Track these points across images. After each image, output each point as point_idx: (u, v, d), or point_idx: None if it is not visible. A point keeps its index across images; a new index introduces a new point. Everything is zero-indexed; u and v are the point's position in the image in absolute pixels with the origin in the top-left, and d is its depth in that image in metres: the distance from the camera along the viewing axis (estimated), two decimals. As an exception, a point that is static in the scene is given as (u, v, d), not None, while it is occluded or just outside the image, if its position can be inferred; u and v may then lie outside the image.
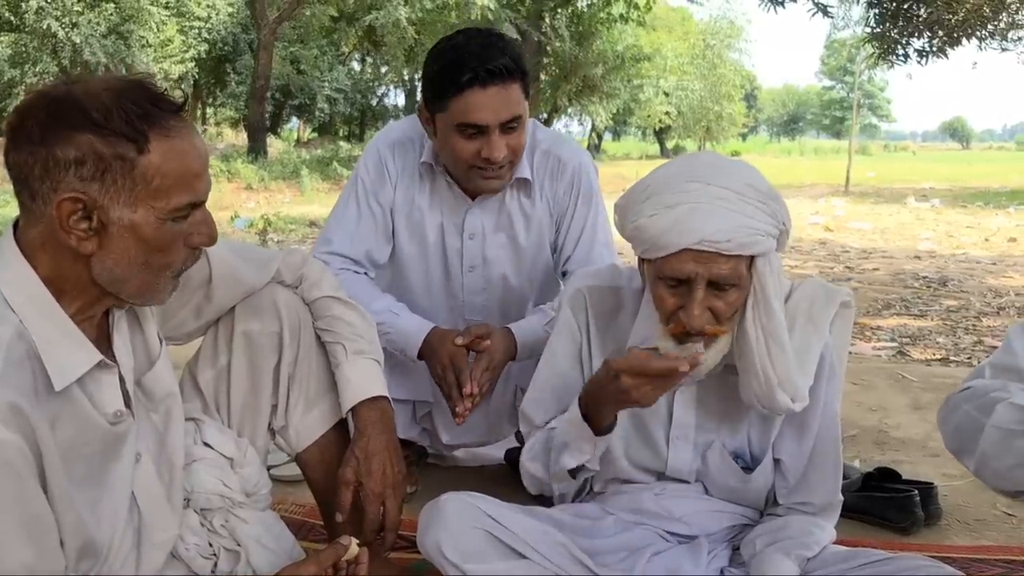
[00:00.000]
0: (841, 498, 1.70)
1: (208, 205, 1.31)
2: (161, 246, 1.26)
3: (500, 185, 2.12)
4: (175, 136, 1.22)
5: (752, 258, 1.49)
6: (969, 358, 4.90)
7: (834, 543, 1.65)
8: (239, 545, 1.50)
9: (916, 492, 2.22)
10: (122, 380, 1.34)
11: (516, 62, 1.98)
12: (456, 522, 1.55)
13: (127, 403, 1.34)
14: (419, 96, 2.14)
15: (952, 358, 4.92)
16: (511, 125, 2.00)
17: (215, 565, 1.50)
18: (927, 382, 3.86)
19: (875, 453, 2.89)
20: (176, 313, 1.56)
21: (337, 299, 1.69)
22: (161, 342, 1.46)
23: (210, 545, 1.50)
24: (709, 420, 1.69)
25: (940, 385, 3.79)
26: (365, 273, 2.25)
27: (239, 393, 1.63)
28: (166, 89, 1.26)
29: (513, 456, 2.52)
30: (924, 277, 7.83)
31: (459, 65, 1.94)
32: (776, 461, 1.69)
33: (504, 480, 2.46)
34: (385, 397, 1.67)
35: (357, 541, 1.35)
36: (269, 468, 2.45)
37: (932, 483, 2.36)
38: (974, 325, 5.87)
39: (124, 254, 1.23)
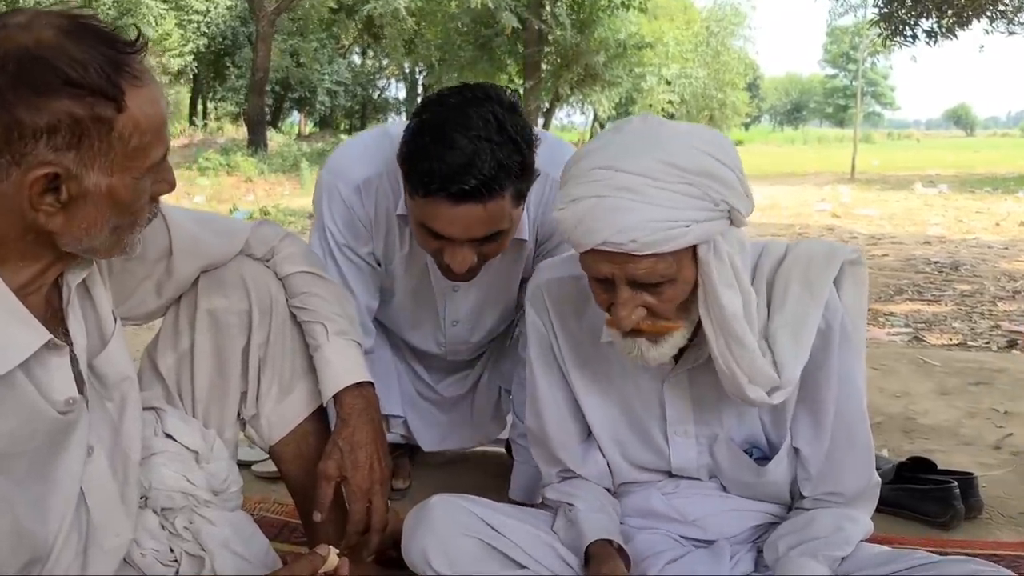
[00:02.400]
0: (878, 480, 1.49)
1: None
2: (133, 206, 1.11)
3: (469, 280, 1.74)
4: (144, 83, 1.06)
5: (695, 246, 1.28)
6: (987, 343, 4.78)
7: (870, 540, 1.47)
8: (204, 550, 1.33)
9: (956, 483, 2.05)
10: (75, 362, 1.18)
11: (509, 167, 1.53)
12: (445, 527, 1.39)
13: (80, 388, 1.17)
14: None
15: (970, 343, 4.78)
16: (489, 239, 1.61)
17: (176, 572, 1.32)
18: (950, 366, 3.69)
19: (903, 442, 2.71)
20: (134, 290, 1.39)
21: (315, 275, 1.52)
22: (116, 319, 1.29)
23: (171, 550, 1.33)
24: (707, 411, 1.51)
25: (964, 370, 3.62)
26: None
27: (204, 379, 1.46)
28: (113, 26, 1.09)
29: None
30: (936, 262, 7.70)
31: (433, 162, 1.50)
32: (795, 450, 1.50)
33: (504, 470, 2.28)
34: (370, 383, 1.50)
35: (336, 550, 1.18)
36: (250, 464, 2.29)
37: (972, 473, 2.18)
38: (990, 310, 5.75)
39: (94, 221, 1.08)
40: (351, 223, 1.85)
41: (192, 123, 28.58)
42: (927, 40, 9.53)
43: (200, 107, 33.31)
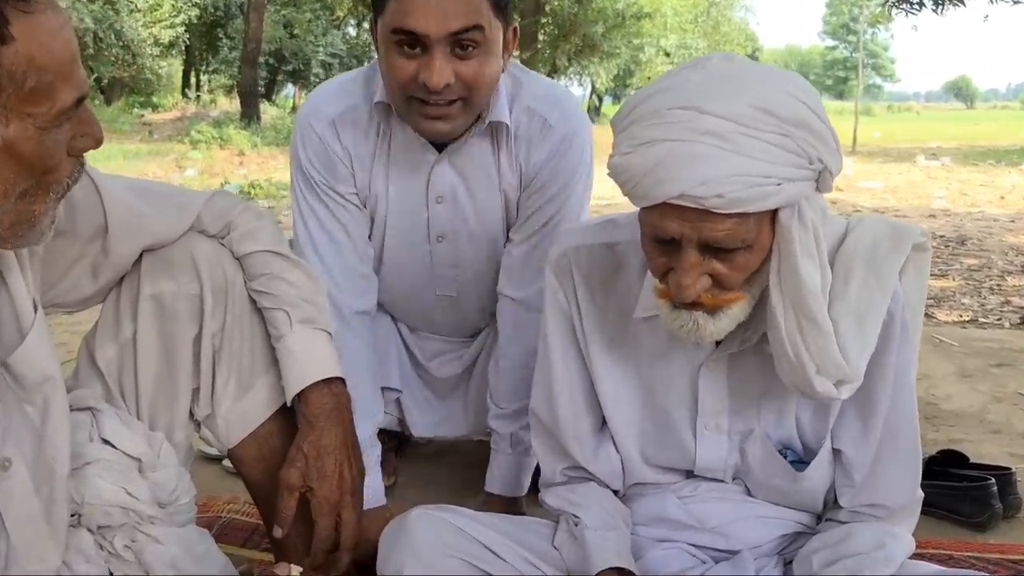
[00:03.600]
0: (921, 495, 1.33)
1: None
2: (43, 164, 0.92)
3: (447, 129, 1.61)
4: (37, 9, 0.87)
5: (775, 209, 1.11)
6: (999, 319, 4.65)
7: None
8: (148, 573, 1.15)
9: (992, 480, 1.87)
10: None
11: None
12: (427, 547, 1.21)
13: None
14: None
15: (981, 319, 4.65)
16: (464, 41, 1.50)
17: (115, 600, 1.14)
18: (968, 346, 3.52)
19: (927, 430, 2.53)
20: (65, 273, 1.19)
21: (277, 254, 1.33)
22: (36, 309, 1.10)
23: (110, 574, 1.14)
24: (746, 403, 1.32)
25: (983, 350, 3.45)
26: (365, 310, 1.84)
27: (149, 374, 1.26)
28: None
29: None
30: (941, 236, 7.60)
31: None
32: (836, 453, 1.33)
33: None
34: (340, 379, 1.32)
35: (300, 569, 1.01)
36: (220, 459, 2.10)
37: (1009, 469, 2.01)
38: (998, 284, 5.66)
39: None
40: (328, 161, 1.74)
41: (185, 95, 28.22)
42: (933, 7, 9.25)
43: (193, 79, 32.90)
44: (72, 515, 1.14)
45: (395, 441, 2.14)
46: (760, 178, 1.05)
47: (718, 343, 1.28)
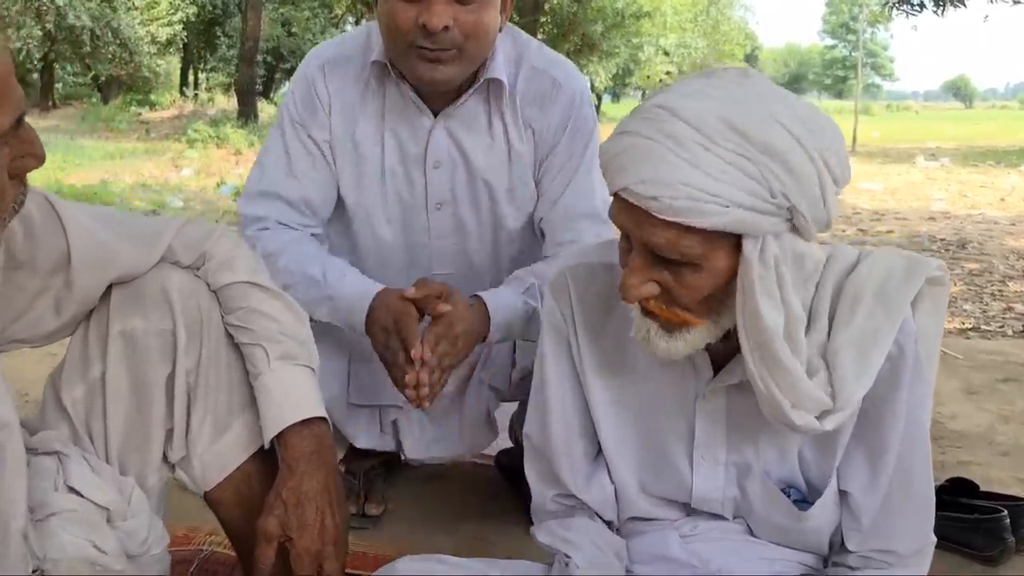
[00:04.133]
0: (934, 540, 1.27)
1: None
2: None
3: (444, 75, 1.61)
4: None
5: (739, 237, 1.05)
6: (1001, 327, 4.62)
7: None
8: (115, 631, 1.08)
9: (1004, 512, 1.81)
10: None
11: None
12: None
13: None
14: None
15: (983, 327, 4.60)
16: None
17: (80, 662, 1.07)
18: (973, 359, 3.46)
19: (934, 452, 2.44)
20: (27, 308, 1.12)
21: (255, 285, 1.25)
22: None
23: (74, 632, 1.07)
24: (744, 437, 1.27)
25: (988, 364, 3.40)
26: (311, 233, 1.78)
27: (119, 415, 1.19)
28: None
29: (505, 460, 2.12)
30: (941, 239, 7.59)
31: None
32: (843, 494, 1.26)
33: (495, 491, 2.06)
34: (322, 418, 1.25)
35: None
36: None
37: (1022, 499, 1.95)
38: (1000, 290, 5.65)
39: None
40: (309, 100, 1.76)
41: (183, 93, 28.14)
42: (934, 9, 9.22)
43: (191, 77, 32.82)
44: (34, 571, 1.07)
45: (384, 467, 2.07)
46: (704, 193, 1.00)
47: (716, 373, 1.23)
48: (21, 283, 1.12)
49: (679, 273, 1.08)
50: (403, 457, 1.95)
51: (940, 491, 1.94)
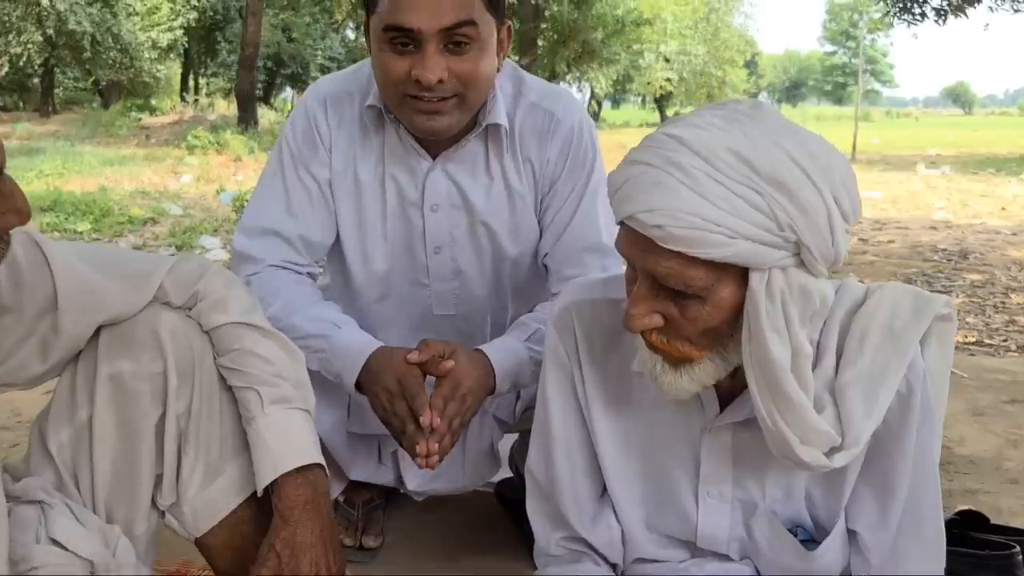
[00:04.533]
0: None
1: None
2: None
3: (442, 125, 1.57)
4: None
5: (745, 270, 1.04)
6: (1004, 340, 4.57)
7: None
8: None
9: (1017, 548, 1.77)
10: None
11: None
12: None
13: None
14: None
15: (987, 341, 4.57)
16: (457, 38, 1.48)
17: None
18: (979, 378, 3.41)
19: (942, 479, 2.42)
20: (12, 352, 1.09)
21: (249, 325, 1.22)
22: None
23: None
24: (751, 475, 1.25)
25: (994, 383, 3.35)
26: (307, 272, 1.74)
27: (106, 460, 1.15)
28: None
29: (506, 491, 2.08)
30: (943, 249, 7.55)
31: None
32: (851, 534, 1.25)
33: (495, 522, 2.01)
34: (318, 465, 1.21)
35: None
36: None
37: (1035, 534, 1.91)
38: (1003, 302, 5.60)
39: None
40: (310, 136, 1.72)
41: (183, 99, 28.14)
42: (936, 18, 9.21)
43: (192, 83, 32.84)
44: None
45: (384, 498, 2.03)
46: (709, 223, 1.00)
47: (722, 409, 1.22)
48: (7, 328, 1.08)
49: (684, 305, 1.06)
50: (403, 489, 1.91)
51: (950, 524, 1.91)
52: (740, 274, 1.04)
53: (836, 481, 1.23)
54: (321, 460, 1.22)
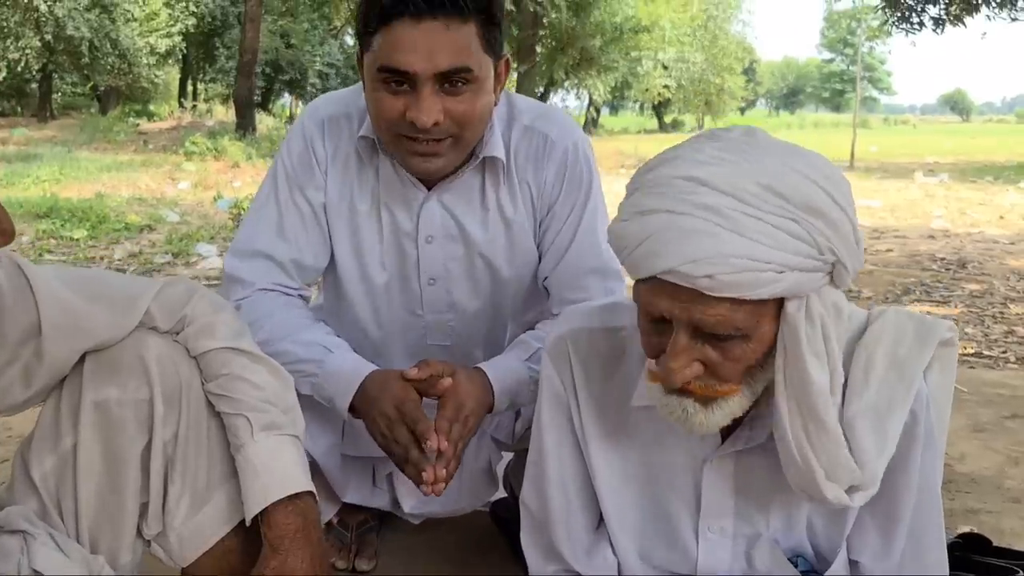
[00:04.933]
0: None
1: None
2: None
3: (437, 166, 1.54)
4: None
5: (781, 300, 1.02)
6: (1004, 352, 4.55)
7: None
8: None
9: (1020, 572, 1.75)
10: None
11: None
12: None
13: None
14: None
15: (986, 352, 4.55)
16: (455, 79, 1.44)
17: None
18: (979, 392, 3.39)
19: (943, 499, 2.42)
20: None
21: (238, 351, 1.20)
22: None
23: None
24: (753, 506, 1.22)
25: (995, 398, 3.32)
26: (299, 295, 1.70)
27: (90, 489, 1.13)
28: None
29: (501, 510, 2.05)
30: (942, 259, 7.54)
31: None
32: (853, 564, 1.23)
33: (490, 543, 1.98)
34: (309, 493, 1.19)
35: None
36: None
37: (1039, 558, 1.89)
38: (1001, 312, 5.59)
39: None
40: (306, 159, 1.68)
41: (181, 105, 28.14)
42: (933, 28, 9.22)
43: (190, 88, 32.84)
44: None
45: (378, 520, 2.00)
46: (759, 263, 0.97)
47: (724, 438, 1.20)
48: None
49: (725, 347, 1.03)
50: (399, 513, 1.88)
51: (952, 548, 1.88)
52: (777, 304, 1.02)
53: (839, 511, 1.21)
54: (311, 488, 1.19)
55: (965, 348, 4.58)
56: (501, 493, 2.02)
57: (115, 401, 1.13)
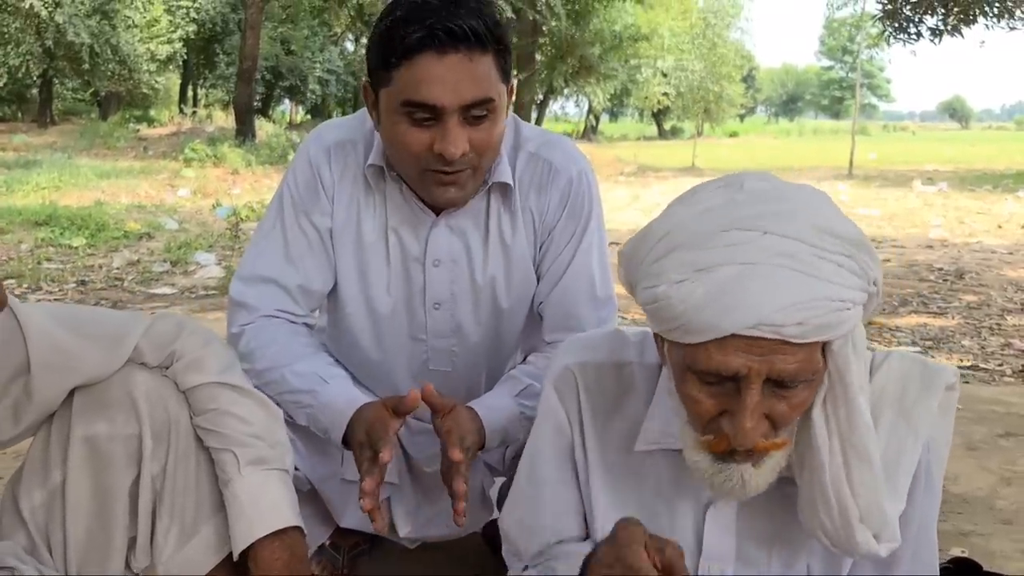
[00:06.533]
0: None
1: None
2: None
3: (460, 196, 1.57)
4: None
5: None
6: (1000, 365, 4.55)
7: None
8: None
9: (1009, 599, 1.75)
10: None
11: (491, 28, 1.45)
12: None
13: None
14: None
15: (982, 365, 4.54)
16: (477, 112, 1.47)
17: None
18: (973, 409, 3.39)
19: (935, 520, 2.43)
20: None
21: (226, 385, 1.20)
22: None
23: None
24: (754, 548, 1.21)
25: (989, 415, 3.32)
26: (304, 323, 1.70)
27: (79, 524, 1.14)
28: None
29: (493, 532, 2.06)
30: (939, 269, 7.55)
31: (411, 21, 1.42)
32: None
33: (481, 563, 1.99)
34: (296, 528, 1.19)
35: None
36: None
37: (1027, 583, 1.89)
38: (998, 324, 5.59)
39: None
40: (312, 186, 1.68)
41: (181, 111, 28.17)
42: (931, 38, 9.25)
43: (191, 94, 32.88)
44: None
45: (370, 543, 2.00)
46: (836, 302, 0.97)
47: None
48: None
49: (792, 395, 1.02)
50: (395, 538, 1.87)
51: (943, 573, 1.88)
52: (822, 343, 1.01)
53: (837, 556, 1.19)
54: (299, 523, 1.20)
55: (961, 361, 4.58)
56: (492, 514, 2.02)
57: (104, 436, 1.14)
